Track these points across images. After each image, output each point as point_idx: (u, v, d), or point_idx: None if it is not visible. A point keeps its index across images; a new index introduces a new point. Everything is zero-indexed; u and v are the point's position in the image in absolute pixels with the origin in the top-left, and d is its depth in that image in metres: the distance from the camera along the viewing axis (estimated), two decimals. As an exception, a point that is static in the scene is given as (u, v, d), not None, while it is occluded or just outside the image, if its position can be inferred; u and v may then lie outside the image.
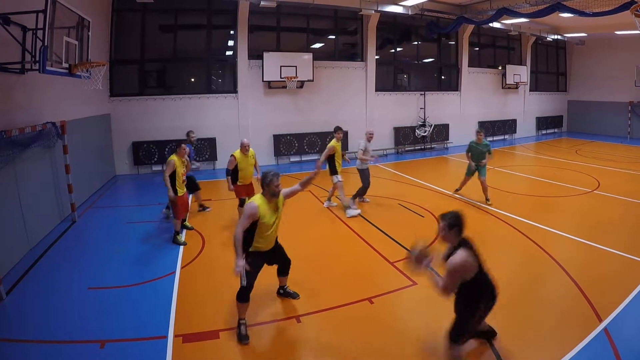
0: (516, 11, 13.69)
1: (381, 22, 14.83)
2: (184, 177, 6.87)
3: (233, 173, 7.09)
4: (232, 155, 7.09)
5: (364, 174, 8.59)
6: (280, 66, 12.95)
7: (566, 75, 23.12)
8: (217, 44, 13.25)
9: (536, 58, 21.29)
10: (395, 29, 16.14)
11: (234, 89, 13.02)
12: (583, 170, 12.42)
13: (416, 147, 16.65)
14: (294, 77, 13.10)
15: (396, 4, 13.90)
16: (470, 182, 9.59)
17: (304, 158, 14.14)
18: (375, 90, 15.33)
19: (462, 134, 17.57)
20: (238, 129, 12.82)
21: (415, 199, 9.26)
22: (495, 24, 16.75)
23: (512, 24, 17.50)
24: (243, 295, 4.13)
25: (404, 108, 16.27)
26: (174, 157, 6.65)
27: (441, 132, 17.15)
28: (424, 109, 16.58)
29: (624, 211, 8.35)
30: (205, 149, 12.42)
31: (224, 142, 12.61)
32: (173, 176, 6.59)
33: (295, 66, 13.13)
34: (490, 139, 18.89)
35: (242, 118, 12.93)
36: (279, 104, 13.58)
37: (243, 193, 7.25)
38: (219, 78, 13.65)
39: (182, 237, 6.92)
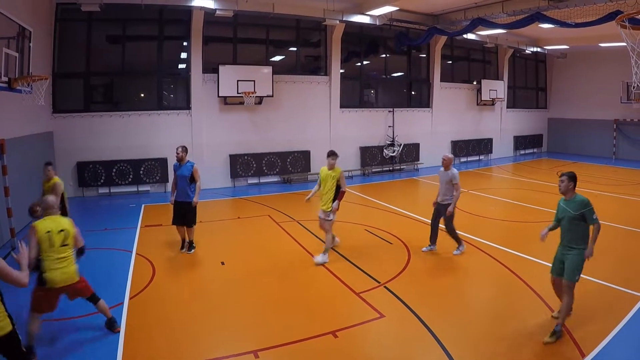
0: (492, 21, 15.99)
1: (346, 33, 17.47)
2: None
3: None
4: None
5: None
6: (237, 80, 15.17)
7: (546, 90, 27.06)
8: (169, 57, 15.47)
9: (514, 72, 24.98)
10: (361, 41, 19.03)
11: (187, 105, 15.19)
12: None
13: (384, 169, 19.41)
14: (252, 93, 15.34)
15: (362, 13, 16.37)
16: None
17: (263, 180, 16.47)
18: (340, 107, 18.02)
19: (434, 154, 20.42)
20: (191, 148, 14.69)
21: (382, 225, 10.80)
22: (470, 36, 19.76)
23: (488, 35, 20.57)
24: None
25: (371, 126, 19.07)
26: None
27: (411, 152, 20.06)
28: (393, 127, 19.42)
29: (609, 238, 9.45)
30: (156, 170, 14.29)
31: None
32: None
33: (254, 80, 15.38)
34: (464, 159, 22.01)
35: (195, 136, 15.06)
36: (236, 122, 15.85)
37: None
38: (171, 93, 15.91)
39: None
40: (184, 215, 8.71)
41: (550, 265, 5.98)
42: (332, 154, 8.27)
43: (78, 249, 5.57)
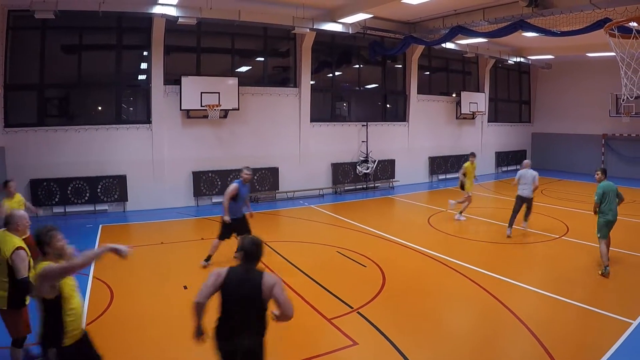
0: (473, 30, 17.13)
1: (317, 42, 18.93)
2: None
3: None
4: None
5: None
6: (201, 92, 16.35)
7: (530, 103, 29.39)
8: (129, 67, 16.72)
9: (495, 84, 27.14)
10: (333, 51, 20.68)
11: (147, 119, 16.39)
12: (550, 213, 15.54)
13: (357, 187, 20.96)
14: (217, 105, 16.52)
15: (334, 21, 17.67)
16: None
17: (228, 198, 17.48)
18: (311, 121, 19.49)
19: (411, 171, 22.22)
20: (152, 165, 16.06)
21: (356, 246, 11.54)
22: (449, 45, 21.36)
23: (468, 44, 22.26)
24: None
25: (344, 141, 20.62)
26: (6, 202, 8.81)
27: (386, 169, 21.68)
28: (367, 142, 21.01)
29: (595, 260, 10.23)
30: (114, 188, 15.36)
31: (136, 180, 15.88)
32: None
33: (218, 92, 16.61)
34: (442, 176, 23.87)
35: (156, 152, 16.28)
36: (200, 136, 17.13)
37: None
38: (131, 106, 17.17)
39: None
40: (242, 228, 9.99)
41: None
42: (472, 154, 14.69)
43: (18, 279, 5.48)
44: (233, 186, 10.10)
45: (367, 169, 20.69)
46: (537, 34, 16.59)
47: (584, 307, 7.85)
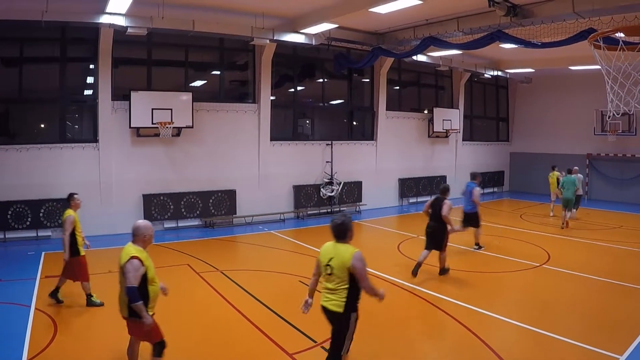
0: (446, 41, 18.08)
1: (278, 54, 20.40)
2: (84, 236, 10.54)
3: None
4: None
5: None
6: (152, 109, 17.47)
7: (508, 121, 31.60)
8: (74, 82, 17.82)
9: (471, 100, 29.23)
10: (295, 63, 22.25)
11: (94, 138, 17.54)
12: (529, 239, 16.63)
13: (321, 211, 22.42)
14: (169, 123, 17.65)
15: (296, 31, 18.76)
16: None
17: (182, 224, 19.03)
18: (271, 140, 20.92)
19: (379, 194, 24.02)
20: (99, 187, 17.22)
21: None
22: (420, 57, 22.80)
23: (441, 57, 23.86)
24: None
25: (307, 162, 22.10)
26: (71, 212, 10.11)
27: (352, 191, 23.29)
28: (331, 162, 22.52)
29: (579, 290, 11.03)
30: (58, 212, 16.35)
31: (82, 204, 16.50)
32: (73, 234, 9.95)
33: (171, 109, 17.75)
34: (413, 200, 25.60)
35: (104, 173, 17.42)
36: (151, 156, 18.34)
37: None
38: (76, 124, 18.34)
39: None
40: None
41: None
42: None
43: None
44: None
45: (332, 191, 22.05)
46: (516, 46, 17.75)
47: (566, 341, 8.26)
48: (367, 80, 24.50)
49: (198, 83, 20.28)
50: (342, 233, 6.48)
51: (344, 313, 6.34)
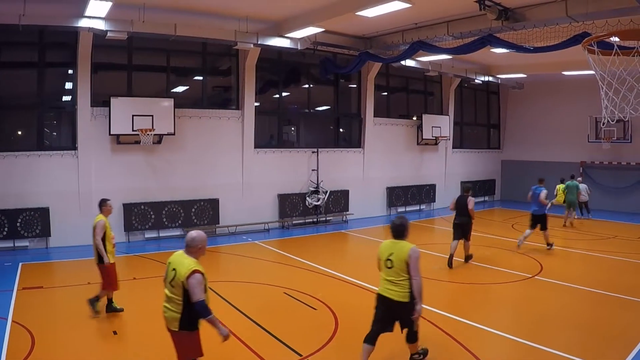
0: (436, 45, 18.41)
1: (262, 59, 20.89)
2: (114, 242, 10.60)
3: None
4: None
5: None
6: (133, 115, 17.89)
7: (499, 127, 32.26)
8: (52, 87, 18.29)
9: (461, 106, 29.86)
10: (280, 69, 22.77)
11: (72, 145, 17.95)
12: (522, 250, 16.85)
13: (307, 220, 22.97)
14: (150, 130, 18.07)
15: (281, 36, 19.23)
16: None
17: (163, 234, 19.46)
18: (255, 147, 21.39)
19: (366, 203, 24.56)
20: (78, 196, 17.61)
21: (305, 287, 12.42)
22: (409, 62, 23.40)
23: (430, 62, 24.32)
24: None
25: (292, 170, 22.60)
26: (102, 217, 10.27)
27: (339, 200, 23.82)
28: (317, 170, 23.05)
29: (572, 301, 11.24)
30: (36, 222, 16.81)
31: (60, 213, 17.34)
32: (104, 239, 10.13)
33: (152, 115, 18.18)
34: (401, 209, 26.11)
35: (83, 182, 17.83)
36: (131, 165, 18.77)
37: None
38: (54, 130, 18.75)
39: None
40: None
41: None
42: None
43: None
44: None
45: (318, 200, 22.53)
46: (508, 50, 18.11)
47: (560, 354, 8.36)
48: (354, 86, 25.02)
49: (180, 89, 20.69)
50: (400, 232, 7.76)
51: (410, 302, 7.50)
